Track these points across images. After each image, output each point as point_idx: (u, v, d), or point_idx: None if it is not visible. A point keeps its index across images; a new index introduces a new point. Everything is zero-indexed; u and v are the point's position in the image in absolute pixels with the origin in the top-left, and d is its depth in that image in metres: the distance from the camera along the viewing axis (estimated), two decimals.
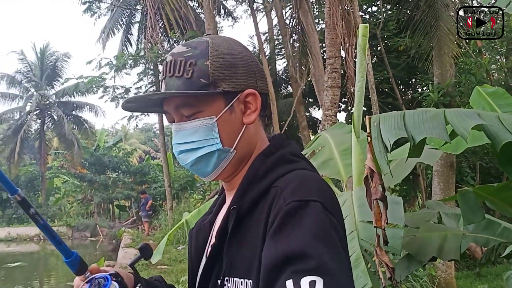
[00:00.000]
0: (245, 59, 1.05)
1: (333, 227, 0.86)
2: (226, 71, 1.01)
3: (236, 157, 1.04)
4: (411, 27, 9.34)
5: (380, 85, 11.63)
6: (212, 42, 1.03)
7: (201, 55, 1.01)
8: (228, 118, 1.02)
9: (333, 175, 3.31)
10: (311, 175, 0.98)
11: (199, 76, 0.99)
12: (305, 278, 0.75)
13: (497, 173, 10.36)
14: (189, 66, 1.00)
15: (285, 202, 0.87)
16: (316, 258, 0.78)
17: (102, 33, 18.26)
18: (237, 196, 0.99)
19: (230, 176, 1.08)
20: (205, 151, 1.02)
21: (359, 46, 2.88)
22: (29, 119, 27.30)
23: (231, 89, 1.01)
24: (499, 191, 2.43)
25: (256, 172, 1.00)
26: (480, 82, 8.08)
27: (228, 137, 1.02)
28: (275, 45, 15.92)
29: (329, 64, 7.23)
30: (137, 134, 45.53)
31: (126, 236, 17.35)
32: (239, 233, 0.95)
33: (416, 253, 2.92)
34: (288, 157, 1.03)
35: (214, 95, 1.00)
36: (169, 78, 1.02)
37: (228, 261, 0.94)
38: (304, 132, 13.02)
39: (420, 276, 7.13)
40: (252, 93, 1.03)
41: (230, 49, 1.04)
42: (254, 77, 1.05)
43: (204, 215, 1.21)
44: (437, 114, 1.75)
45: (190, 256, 1.14)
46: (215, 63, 1.00)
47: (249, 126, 1.04)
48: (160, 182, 23.30)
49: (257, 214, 0.94)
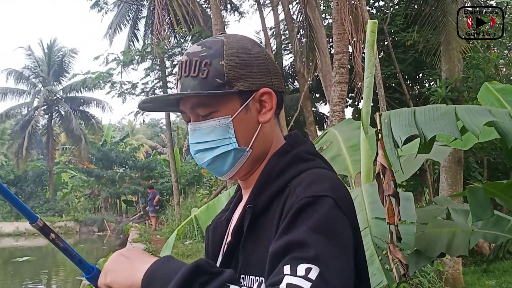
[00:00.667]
0: (260, 57, 1.05)
1: (341, 223, 0.87)
2: (241, 70, 1.01)
3: (252, 156, 1.04)
4: (419, 22, 9.26)
5: (387, 80, 11.57)
6: (227, 41, 1.04)
7: (216, 55, 1.01)
8: (243, 117, 1.02)
9: (341, 171, 3.31)
10: (325, 173, 0.98)
11: (214, 76, 1.00)
12: (301, 265, 0.77)
13: (504, 168, 10.32)
14: (204, 66, 1.00)
15: (297, 199, 0.88)
16: (315, 248, 0.79)
17: (109, 29, 18.27)
18: (253, 195, 1.00)
19: (246, 174, 1.08)
20: (221, 150, 1.02)
21: (368, 42, 2.87)
22: (36, 114, 27.45)
23: (246, 88, 1.01)
24: (509, 187, 2.43)
25: (271, 171, 1.01)
26: (488, 77, 8.02)
27: (244, 136, 1.03)
28: (282, 40, 15.88)
29: (337, 59, 7.21)
30: (144, 130, 45.64)
31: (134, 231, 17.44)
32: (254, 231, 0.96)
33: (425, 249, 2.93)
34: (303, 155, 1.03)
35: (229, 95, 1.01)
36: (185, 78, 1.02)
37: (243, 259, 0.96)
38: (311, 128, 13.00)
39: (427, 272, 7.13)
40: (268, 92, 1.03)
41: (245, 47, 1.04)
42: (269, 76, 1.05)
43: (221, 212, 1.22)
44: (448, 111, 1.75)
45: (207, 253, 1.15)
46: (230, 63, 1.01)
47: (264, 125, 1.05)
48: (167, 177, 23.36)
49: (272, 213, 0.95)
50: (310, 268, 0.76)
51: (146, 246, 12.88)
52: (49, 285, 13.05)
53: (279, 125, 1.13)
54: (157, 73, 17.50)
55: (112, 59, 16.35)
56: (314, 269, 0.76)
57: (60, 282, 13.82)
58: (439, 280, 7.23)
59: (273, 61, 1.09)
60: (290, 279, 0.76)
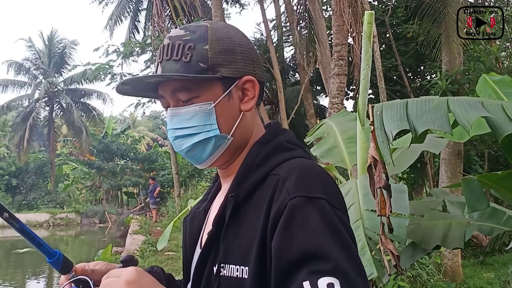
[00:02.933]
0: (243, 45, 1.03)
1: (342, 223, 0.86)
2: (225, 56, 1.00)
3: (232, 144, 1.03)
4: (419, 14, 9.23)
5: (389, 72, 11.54)
6: (211, 27, 1.02)
7: (200, 39, 0.99)
8: (226, 104, 1.01)
9: (337, 163, 3.30)
10: (310, 165, 0.97)
11: (198, 60, 0.98)
12: (322, 279, 0.76)
13: (506, 161, 10.31)
14: (187, 50, 0.98)
15: (289, 195, 0.87)
16: (332, 259, 0.79)
17: (110, 20, 18.24)
18: (235, 184, 0.99)
19: (225, 163, 1.07)
20: (201, 137, 1.00)
21: (365, 33, 2.85)
22: (37, 106, 27.48)
23: (229, 74, 1.00)
24: (503, 179, 2.42)
25: (254, 160, 1.00)
26: (489, 70, 7.99)
27: (226, 123, 1.01)
28: (283, 32, 15.82)
29: (336, 51, 7.18)
30: (145, 122, 45.66)
31: (134, 223, 17.48)
32: (236, 220, 0.96)
33: (420, 241, 2.92)
34: (285, 144, 1.03)
35: (212, 80, 0.99)
36: (166, 62, 1.00)
37: (224, 248, 0.95)
38: (312, 120, 12.98)
39: (426, 264, 7.15)
40: (251, 80, 1.02)
41: (229, 34, 1.03)
42: (252, 65, 1.04)
43: (199, 203, 1.20)
44: (440, 104, 1.74)
45: (185, 244, 1.14)
46: (214, 48, 0.99)
47: (246, 114, 1.04)
48: (168, 170, 23.40)
49: (255, 202, 0.95)
50: (332, 284, 0.75)
51: (146, 238, 12.91)
52: (50, 276, 13.10)
53: (259, 114, 1.12)
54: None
55: (113, 50, 16.34)
56: (335, 284, 0.75)
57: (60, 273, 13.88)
58: (438, 272, 7.26)
59: (255, 51, 1.07)
60: None
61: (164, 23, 14.59)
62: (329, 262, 0.78)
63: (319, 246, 0.80)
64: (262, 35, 16.07)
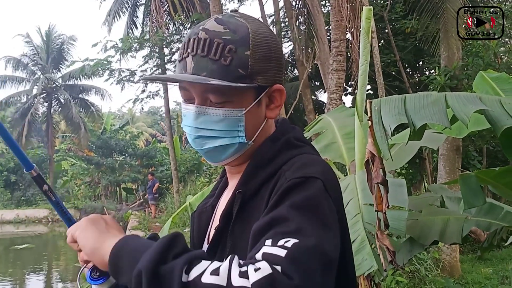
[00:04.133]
0: (277, 51, 1.01)
1: (327, 204, 0.87)
2: (262, 64, 0.97)
3: (251, 148, 1.03)
4: (418, 9, 9.21)
5: (387, 68, 11.53)
6: (252, 29, 0.98)
7: (242, 42, 0.95)
8: (254, 112, 1.00)
9: (336, 158, 3.30)
10: (315, 158, 0.99)
11: (238, 65, 0.95)
12: (282, 239, 0.77)
13: (504, 157, 10.30)
14: (227, 52, 0.94)
15: (286, 180, 0.89)
16: (297, 222, 0.79)
17: (108, 16, 18.15)
18: (243, 181, 0.99)
19: (239, 163, 1.07)
20: (226, 141, 0.99)
21: (363, 29, 2.84)
22: (36, 102, 27.39)
23: (264, 83, 0.98)
24: (501, 175, 2.43)
25: (262, 158, 1.00)
26: (488, 65, 7.99)
27: (251, 130, 1.01)
28: (281, 27, 15.77)
29: (334, 47, 7.17)
30: (144, 117, 45.56)
31: (133, 219, 17.50)
32: (243, 216, 0.96)
33: (418, 237, 2.93)
34: (293, 142, 1.03)
35: (247, 88, 0.97)
36: (201, 58, 0.95)
37: (232, 244, 0.96)
38: (310, 116, 12.95)
39: (424, 259, 7.16)
40: (280, 89, 1.02)
41: (267, 39, 1.00)
42: (281, 71, 1.02)
43: (206, 198, 1.21)
44: (438, 99, 1.74)
45: (192, 239, 1.15)
46: (255, 55, 0.96)
47: (268, 120, 1.03)
48: (167, 165, 23.40)
49: (261, 198, 0.95)
50: (288, 240, 0.76)
51: (145, 234, 12.92)
52: (49, 272, 13.13)
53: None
54: (155, 61, 17.42)
55: (111, 46, 16.28)
56: (292, 240, 0.76)
57: (59, 269, 13.91)
58: (436, 267, 7.28)
59: (283, 54, 1.07)
60: (267, 249, 0.76)
61: (163, 18, 14.55)
62: (293, 224, 0.79)
63: (289, 213, 0.81)
64: None
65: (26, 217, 23.20)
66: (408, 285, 6.69)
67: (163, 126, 31.19)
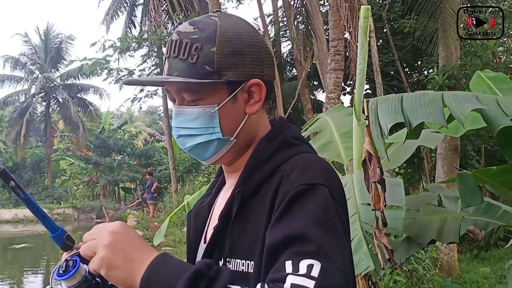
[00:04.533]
0: (253, 45, 1.00)
1: (337, 214, 0.87)
2: (232, 59, 0.97)
3: (235, 145, 1.03)
4: (416, 9, 9.22)
5: (386, 67, 11.53)
6: (220, 24, 0.98)
7: (208, 40, 0.96)
8: (230, 108, 0.99)
9: (334, 158, 3.31)
10: (315, 158, 0.99)
11: (204, 62, 0.96)
12: (304, 261, 0.76)
13: (502, 156, 10.26)
14: (194, 50, 0.96)
15: (292, 186, 0.88)
16: (316, 242, 0.79)
17: (106, 15, 18.16)
18: (242, 180, 0.99)
19: (230, 161, 1.07)
20: (204, 139, 1.00)
21: (361, 28, 2.85)
22: (34, 101, 27.37)
23: (235, 78, 0.98)
24: (498, 174, 2.43)
25: (260, 156, 1.00)
26: (486, 65, 8.00)
27: (229, 126, 1.00)
28: (280, 27, 15.77)
29: (333, 46, 7.17)
30: (142, 117, 45.51)
31: (131, 218, 17.49)
32: (242, 215, 0.96)
33: (416, 236, 2.94)
34: (290, 140, 1.03)
35: (217, 84, 0.97)
36: (173, 59, 0.98)
37: (230, 243, 0.95)
38: (309, 115, 12.95)
39: (422, 259, 7.17)
40: (258, 83, 1.00)
41: (239, 33, 0.99)
42: (261, 65, 1.01)
43: (203, 197, 1.21)
44: (435, 98, 1.74)
45: (189, 238, 1.15)
46: (221, 50, 0.96)
47: (251, 116, 1.02)
48: (165, 165, 23.40)
49: (260, 197, 0.95)
50: (312, 265, 0.76)
51: (144, 233, 12.92)
52: (47, 271, 13.11)
53: (268, 110, 1.11)
54: (154, 60, 17.42)
55: (109, 45, 16.28)
56: (316, 265, 0.76)
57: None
58: (434, 267, 7.29)
59: (266, 49, 1.04)
60: (293, 278, 0.75)
61: (161, 17, 14.53)
62: (314, 244, 0.79)
63: (307, 229, 0.81)
64: (259, 30, 16.01)
65: (24, 216, 23.13)
66: (406, 285, 6.70)
67: (162, 126, 31.15)
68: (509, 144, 2.05)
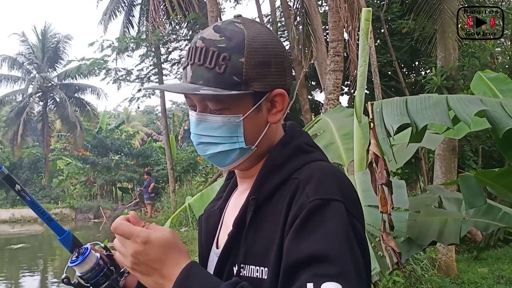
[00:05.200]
0: (278, 55, 1.00)
1: (354, 231, 0.87)
2: (260, 70, 0.97)
3: (255, 153, 1.03)
4: (414, 9, 9.24)
5: (383, 68, 11.55)
6: (247, 34, 0.98)
7: (236, 49, 0.95)
8: (254, 117, 1.00)
9: (334, 159, 3.31)
10: (330, 169, 0.98)
11: (232, 73, 0.95)
12: (325, 284, 0.77)
13: (499, 157, 10.35)
14: (222, 60, 0.95)
15: (308, 199, 0.88)
16: (338, 264, 0.80)
17: (104, 15, 18.11)
18: (256, 186, 0.99)
19: (246, 167, 1.08)
20: (226, 147, 1.00)
21: (362, 30, 2.85)
22: (31, 101, 27.30)
23: (262, 89, 0.98)
24: (500, 176, 2.45)
25: (274, 163, 1.00)
26: (484, 66, 8.02)
27: (252, 135, 1.01)
28: (278, 27, 15.78)
29: (332, 47, 7.17)
30: (140, 117, 45.47)
31: None
32: (256, 222, 0.96)
33: (416, 237, 2.94)
34: (304, 147, 1.03)
35: (244, 94, 0.97)
36: (198, 66, 0.97)
37: (245, 250, 0.96)
38: (307, 115, 12.98)
39: (420, 259, 7.19)
40: (281, 93, 1.00)
41: (265, 44, 0.99)
42: (284, 75, 1.01)
43: (214, 201, 1.21)
44: (440, 100, 1.75)
45: (201, 242, 1.15)
46: (250, 61, 0.96)
47: (272, 124, 1.03)
48: (163, 165, 23.37)
49: (275, 204, 0.95)
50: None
51: None
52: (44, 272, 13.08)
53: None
54: (152, 60, 17.41)
55: (107, 45, 16.26)
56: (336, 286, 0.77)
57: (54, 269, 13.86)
58: (432, 267, 7.31)
59: (288, 58, 1.04)
60: None
61: (160, 17, 14.51)
62: (335, 266, 0.79)
63: (328, 249, 0.81)
64: None
65: (21, 216, 23.08)
66: (405, 285, 6.72)
67: (159, 125, 31.15)
68: (511, 147, 2.06)
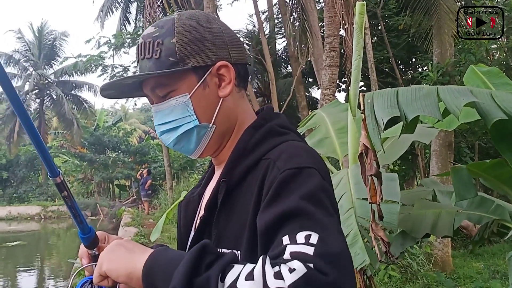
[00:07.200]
0: (214, 31, 1.03)
1: (326, 193, 0.88)
2: (194, 46, 1.00)
3: (216, 132, 1.04)
4: (411, 6, 9.25)
5: (380, 64, 11.56)
6: (178, 18, 1.03)
7: (168, 33, 1.00)
8: (202, 94, 1.01)
9: (329, 153, 3.32)
10: (301, 145, 0.99)
11: (167, 54, 0.99)
12: (300, 233, 0.77)
13: (495, 153, 10.37)
14: (156, 46, 1.00)
15: (279, 171, 0.88)
16: (310, 215, 0.80)
17: (101, 12, 18.08)
18: (227, 169, 0.99)
19: (215, 151, 1.09)
20: (183, 129, 1.02)
21: (356, 24, 2.85)
22: (28, 98, 27.21)
23: (200, 63, 1.00)
24: (492, 168, 2.46)
25: (246, 145, 1.00)
26: (479, 62, 8.04)
27: (205, 112, 1.02)
28: (275, 24, 15.77)
29: (328, 43, 7.17)
30: (137, 114, 45.44)
31: (126, 215, 17.47)
32: (228, 205, 0.96)
33: (410, 230, 2.96)
34: (277, 129, 1.03)
35: (184, 72, 1.00)
36: (142, 61, 1.02)
37: (217, 233, 0.96)
38: (304, 112, 12.97)
39: (416, 254, 7.22)
40: (224, 65, 1.02)
41: (198, 23, 1.02)
42: (226, 48, 1.03)
43: (193, 188, 1.21)
44: (430, 92, 1.76)
45: (179, 229, 1.15)
46: (181, 40, 1.00)
47: (226, 99, 1.04)
48: (160, 162, 23.36)
49: (247, 186, 0.95)
50: (309, 235, 0.76)
51: (139, 230, 12.91)
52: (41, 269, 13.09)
53: (247, 98, 1.12)
54: None
55: (104, 42, 16.23)
56: (313, 235, 0.76)
57: (51, 266, 13.86)
58: (428, 262, 7.34)
59: (231, 33, 1.07)
60: (292, 247, 0.76)
61: (156, 14, 14.48)
62: (307, 217, 0.80)
63: (301, 205, 0.81)
64: (254, 27, 16.01)
65: (18, 214, 23.07)
66: (401, 280, 6.75)
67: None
68: (502, 138, 2.07)
